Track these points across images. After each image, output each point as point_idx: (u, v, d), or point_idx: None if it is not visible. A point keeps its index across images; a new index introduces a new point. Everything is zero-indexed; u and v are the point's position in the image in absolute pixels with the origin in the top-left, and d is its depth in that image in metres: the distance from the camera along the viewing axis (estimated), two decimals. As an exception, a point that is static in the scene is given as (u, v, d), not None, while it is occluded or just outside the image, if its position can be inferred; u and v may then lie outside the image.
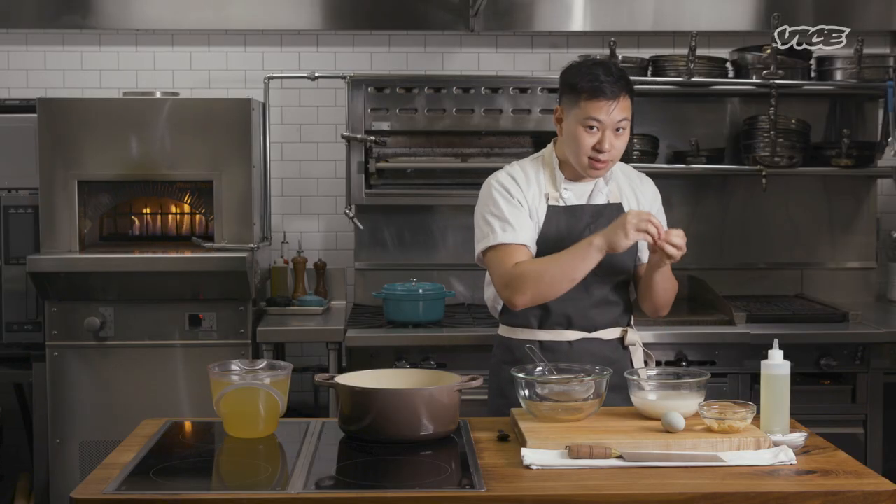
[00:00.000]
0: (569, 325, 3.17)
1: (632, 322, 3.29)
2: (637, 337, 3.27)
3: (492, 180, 3.23)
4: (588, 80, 3.05)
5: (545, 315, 3.17)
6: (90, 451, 4.16)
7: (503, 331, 3.28)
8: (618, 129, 3.07)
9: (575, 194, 3.19)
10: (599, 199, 3.20)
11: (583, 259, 3.00)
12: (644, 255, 3.23)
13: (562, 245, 3.11)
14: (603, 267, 3.09)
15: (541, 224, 3.16)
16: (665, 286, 3.17)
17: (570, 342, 3.17)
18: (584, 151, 3.08)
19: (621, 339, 3.23)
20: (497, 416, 3.11)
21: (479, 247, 3.19)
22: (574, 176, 3.19)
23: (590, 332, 3.18)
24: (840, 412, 4.15)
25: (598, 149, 3.06)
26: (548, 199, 3.18)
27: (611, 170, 3.18)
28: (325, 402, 4.64)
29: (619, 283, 3.22)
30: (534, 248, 3.15)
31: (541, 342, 3.17)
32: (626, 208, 3.19)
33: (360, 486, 2.39)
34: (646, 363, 3.25)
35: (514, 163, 3.28)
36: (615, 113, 3.05)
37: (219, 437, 2.77)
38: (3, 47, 4.84)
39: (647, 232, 2.92)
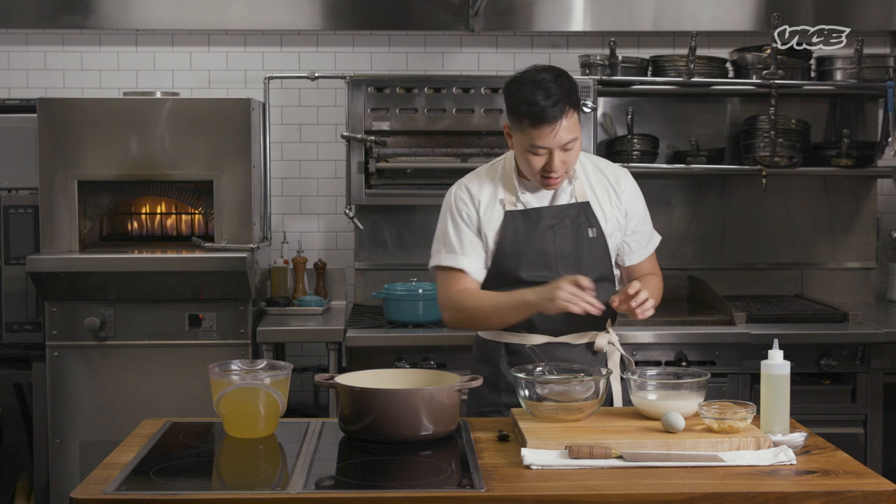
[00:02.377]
0: (531, 329, 3.11)
1: (608, 327, 3.18)
2: (607, 341, 3.14)
3: (448, 196, 3.19)
4: (527, 105, 2.95)
5: None
6: (90, 451, 4.16)
7: (481, 331, 3.26)
8: (566, 148, 2.99)
9: (535, 197, 3.12)
10: (563, 200, 3.13)
11: (514, 311, 3.05)
12: (627, 258, 3.20)
13: (523, 248, 3.08)
14: (570, 269, 3.06)
15: (496, 231, 3.10)
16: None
17: (533, 346, 3.11)
18: (534, 173, 3.03)
19: (591, 344, 3.14)
20: (472, 414, 3.11)
21: (430, 262, 3.21)
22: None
23: (555, 336, 3.11)
24: (840, 412, 4.16)
25: (547, 170, 3.00)
26: (504, 205, 3.12)
27: (574, 169, 3.11)
28: (325, 402, 4.65)
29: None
30: (477, 269, 3.12)
31: (506, 344, 3.14)
32: (594, 207, 3.13)
33: (360, 486, 2.39)
34: (625, 368, 3.13)
35: (476, 171, 3.23)
36: (560, 135, 2.96)
37: (219, 437, 2.78)
38: (3, 47, 4.85)
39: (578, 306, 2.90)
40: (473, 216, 3.13)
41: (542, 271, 3.09)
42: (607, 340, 3.15)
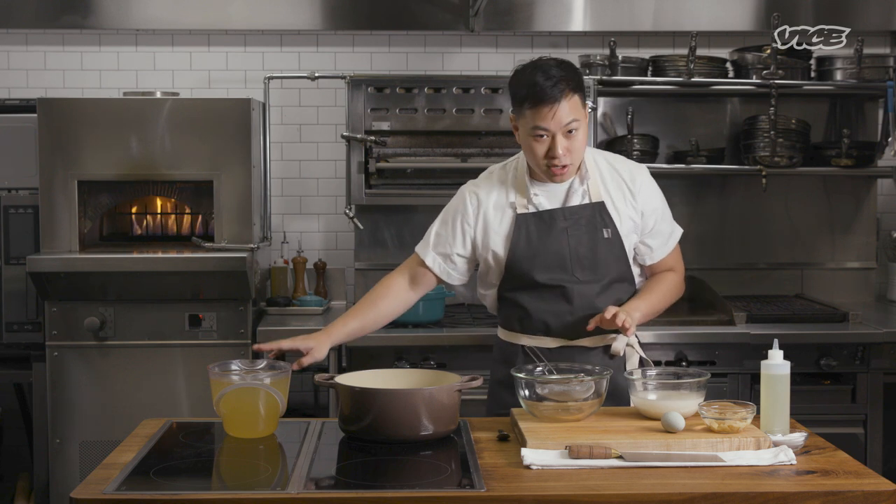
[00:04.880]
0: (547, 332, 3.11)
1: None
2: (625, 344, 3.13)
3: (458, 194, 3.21)
4: (526, 87, 2.96)
5: (527, 320, 3.13)
6: (90, 451, 4.16)
7: (499, 332, 3.27)
8: (570, 131, 2.97)
9: (548, 198, 3.11)
10: (576, 200, 3.10)
11: None
12: (648, 257, 3.18)
13: (537, 251, 3.07)
14: (586, 270, 3.07)
15: (504, 237, 3.10)
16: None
17: (549, 349, 3.11)
18: (538, 160, 3.01)
19: (608, 348, 3.13)
20: (490, 414, 3.12)
21: None
22: (547, 180, 3.11)
23: (570, 339, 3.11)
24: (840, 412, 4.15)
25: (550, 155, 2.99)
26: (515, 208, 3.11)
27: (586, 167, 3.10)
28: (325, 402, 4.64)
29: (609, 288, 3.11)
30: (437, 265, 3.20)
31: (523, 346, 3.15)
32: (609, 207, 3.10)
33: (360, 486, 2.39)
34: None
35: (488, 172, 3.23)
36: (560, 115, 2.94)
37: (219, 437, 2.78)
38: (3, 47, 4.85)
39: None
40: (470, 225, 3.14)
41: (557, 273, 3.09)
42: (625, 343, 3.13)
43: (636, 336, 3.18)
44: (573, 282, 3.08)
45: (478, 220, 3.14)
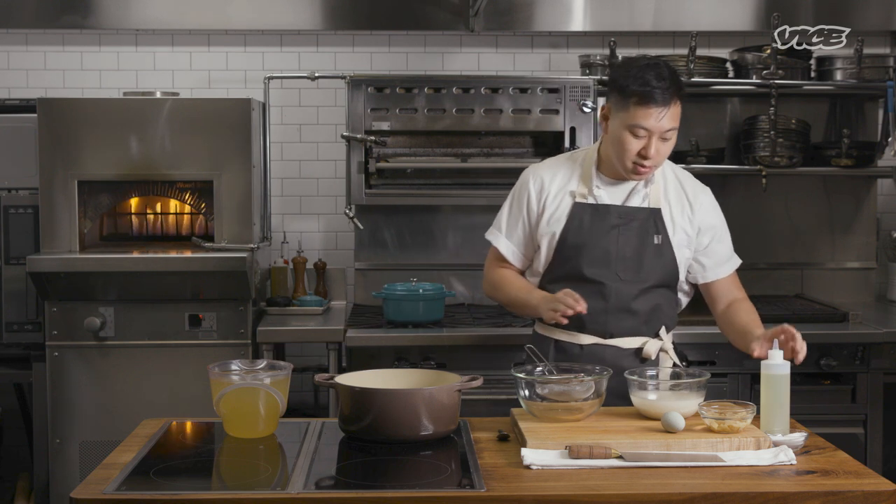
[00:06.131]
0: (581, 329, 3.13)
1: (661, 333, 3.18)
2: (658, 348, 3.14)
3: (522, 177, 3.26)
4: (639, 84, 2.97)
5: None
6: (90, 451, 4.16)
7: (536, 325, 3.30)
8: (665, 138, 3.02)
9: (609, 194, 3.14)
10: (635, 202, 3.13)
11: (523, 309, 3.24)
12: (701, 276, 3.21)
13: (585, 242, 3.10)
14: (630, 271, 3.09)
15: (561, 222, 3.13)
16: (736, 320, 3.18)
17: (581, 345, 3.13)
18: (628, 157, 3.03)
19: (641, 350, 3.14)
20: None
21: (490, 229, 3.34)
22: (614, 175, 3.13)
23: (604, 338, 3.13)
24: (840, 412, 4.15)
25: (643, 155, 3.01)
26: (574, 197, 3.14)
27: (653, 173, 3.12)
28: (325, 402, 4.65)
29: (649, 291, 3.14)
30: (512, 253, 3.24)
31: (556, 341, 3.16)
32: (665, 215, 3.13)
33: (360, 486, 2.39)
34: None
35: (555, 157, 3.30)
36: (665, 121, 2.98)
37: (219, 437, 2.78)
38: (3, 47, 4.85)
39: (560, 313, 2.98)
40: (534, 208, 3.18)
41: (600, 269, 3.11)
42: (658, 347, 3.15)
43: (670, 342, 3.20)
44: (614, 280, 3.10)
45: (541, 204, 3.18)
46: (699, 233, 3.18)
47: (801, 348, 2.81)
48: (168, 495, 2.32)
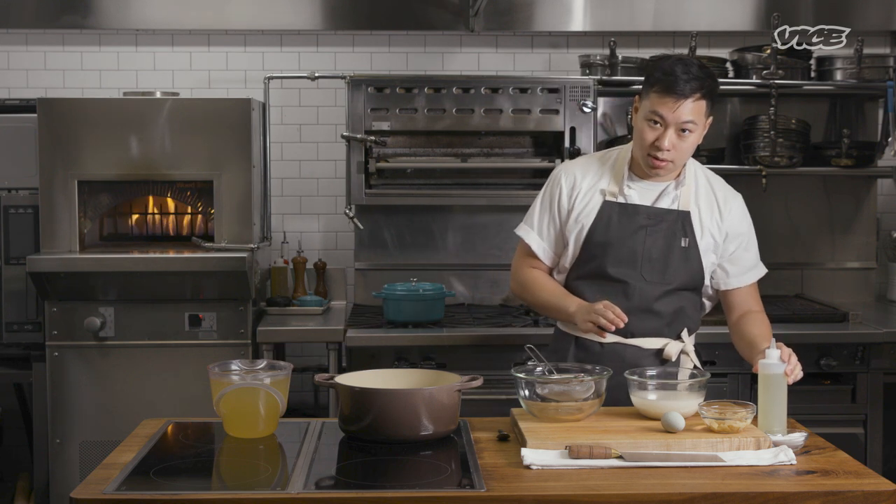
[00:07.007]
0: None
1: (683, 336, 3.18)
2: (680, 350, 3.15)
3: (554, 174, 3.25)
4: (662, 73, 2.99)
5: None
6: (90, 451, 4.16)
7: (559, 322, 3.29)
8: (683, 131, 3.00)
9: (639, 193, 3.13)
10: (665, 203, 3.12)
11: (556, 314, 3.21)
12: (723, 282, 3.18)
13: (612, 241, 3.10)
14: (655, 272, 3.08)
15: (591, 219, 3.13)
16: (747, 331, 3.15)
17: (601, 344, 3.12)
18: (643, 146, 3.04)
19: (662, 351, 3.14)
20: None
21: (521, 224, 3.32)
22: (645, 174, 3.13)
23: (625, 337, 3.12)
24: (840, 412, 4.15)
25: (657, 146, 3.01)
26: (604, 195, 3.14)
27: (684, 174, 3.12)
28: (325, 402, 4.65)
29: (672, 293, 3.13)
30: (543, 251, 3.22)
31: (577, 339, 3.16)
32: (694, 218, 3.12)
33: (360, 486, 2.39)
34: None
35: (588, 155, 3.32)
36: (681, 112, 2.97)
37: (219, 437, 2.78)
38: (3, 47, 4.85)
39: (597, 324, 2.98)
40: (564, 205, 3.18)
41: (625, 268, 3.11)
42: (680, 349, 3.16)
43: (691, 344, 3.21)
44: (638, 280, 3.10)
45: (571, 201, 3.17)
46: (726, 239, 3.16)
47: (795, 371, 2.80)
48: (168, 495, 2.32)
